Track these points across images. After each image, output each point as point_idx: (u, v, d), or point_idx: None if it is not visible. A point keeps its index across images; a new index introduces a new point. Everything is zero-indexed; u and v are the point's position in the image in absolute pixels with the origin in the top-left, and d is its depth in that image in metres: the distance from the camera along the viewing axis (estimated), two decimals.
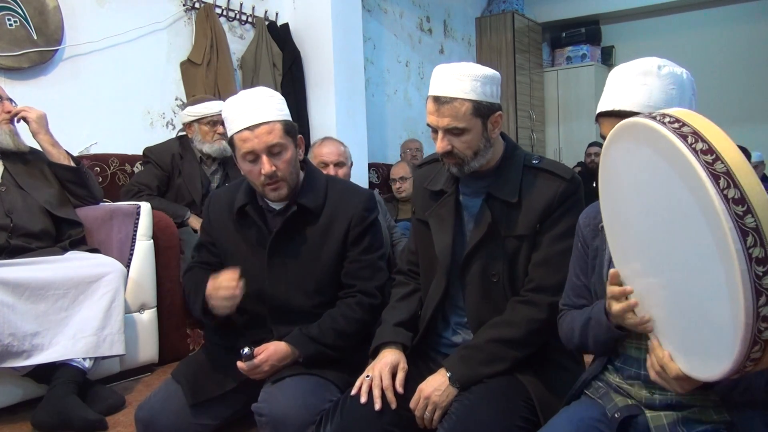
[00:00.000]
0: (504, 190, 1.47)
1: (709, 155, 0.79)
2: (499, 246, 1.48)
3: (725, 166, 0.78)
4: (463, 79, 1.41)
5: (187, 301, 1.78)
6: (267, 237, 1.66)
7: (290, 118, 1.64)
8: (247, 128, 1.55)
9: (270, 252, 1.66)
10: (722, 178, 0.77)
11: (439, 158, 1.57)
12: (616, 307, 1.07)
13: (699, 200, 0.80)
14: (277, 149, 1.58)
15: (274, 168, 1.57)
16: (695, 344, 0.90)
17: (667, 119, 0.86)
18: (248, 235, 1.69)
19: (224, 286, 1.56)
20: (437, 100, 1.42)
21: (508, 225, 1.47)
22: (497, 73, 1.47)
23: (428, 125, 1.47)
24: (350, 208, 1.68)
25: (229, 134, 1.61)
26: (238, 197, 1.70)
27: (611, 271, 1.09)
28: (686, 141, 0.81)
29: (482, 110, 1.43)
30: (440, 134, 1.44)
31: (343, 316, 1.64)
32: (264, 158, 1.56)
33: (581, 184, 1.51)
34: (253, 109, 1.57)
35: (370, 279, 1.68)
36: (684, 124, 0.83)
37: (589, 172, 5.63)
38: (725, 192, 0.77)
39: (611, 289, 1.08)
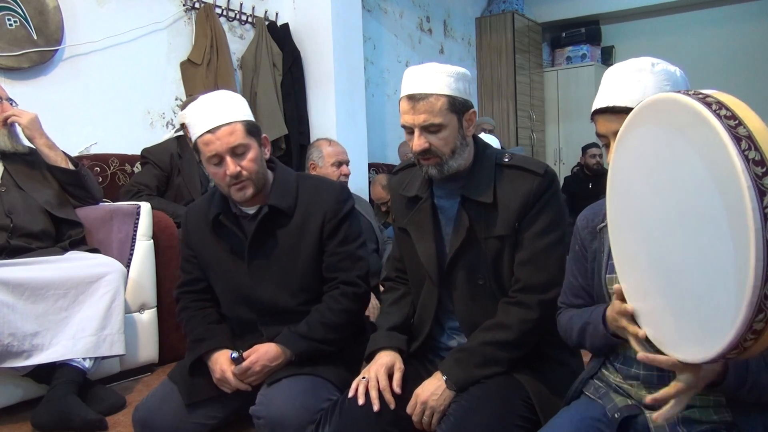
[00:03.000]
0: (478, 191, 1.46)
1: (732, 120, 0.81)
2: (481, 248, 1.46)
3: (747, 131, 0.80)
4: (436, 75, 1.41)
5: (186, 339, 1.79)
6: (244, 242, 1.67)
7: (252, 119, 1.65)
8: (209, 131, 1.56)
9: (249, 257, 1.67)
10: (744, 141, 0.79)
11: (414, 163, 1.55)
12: (624, 323, 1.06)
13: (715, 163, 0.81)
14: (240, 149, 1.58)
15: (239, 168, 1.58)
16: (692, 329, 0.89)
17: (691, 92, 0.88)
18: (226, 244, 1.70)
19: (229, 384, 1.60)
20: (412, 98, 1.41)
21: (486, 226, 1.46)
22: (468, 71, 1.47)
23: (403, 126, 1.46)
24: (322, 203, 1.69)
25: (193, 139, 1.61)
26: (212, 207, 1.71)
27: (615, 287, 1.08)
28: (711, 107, 0.83)
29: (457, 106, 1.42)
30: (416, 132, 1.42)
31: (329, 309, 1.65)
32: (228, 159, 1.57)
33: (556, 177, 1.49)
34: (214, 112, 1.57)
35: (350, 269, 1.69)
36: (708, 96, 0.86)
37: (589, 174, 5.62)
38: (746, 153, 0.78)
39: (616, 306, 1.07)
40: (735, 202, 0.78)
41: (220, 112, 1.57)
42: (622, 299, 1.07)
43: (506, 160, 1.49)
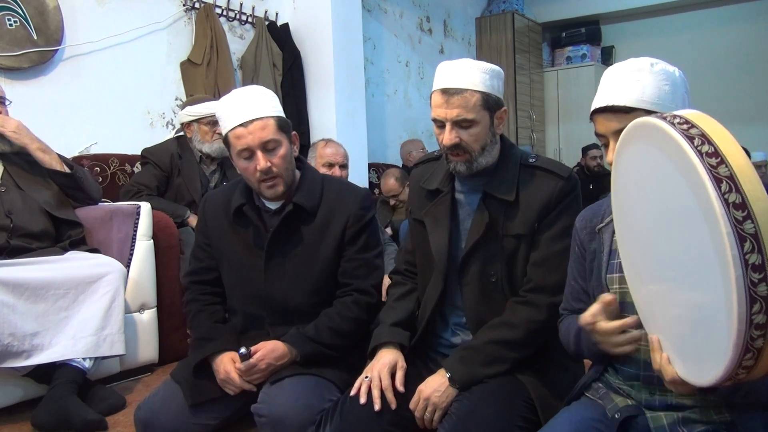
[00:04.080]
0: (501, 188, 1.46)
1: (713, 158, 0.78)
2: (497, 246, 1.46)
3: (729, 171, 0.77)
4: (471, 71, 1.40)
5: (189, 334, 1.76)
6: (264, 237, 1.65)
7: (284, 115, 1.64)
8: (241, 125, 1.55)
9: (268, 252, 1.65)
10: (724, 182, 0.76)
11: (438, 156, 1.55)
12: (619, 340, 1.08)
13: (701, 203, 0.79)
14: (271, 145, 1.58)
15: (269, 164, 1.57)
16: (692, 350, 0.90)
17: (677, 120, 0.85)
18: (245, 236, 1.69)
19: (233, 385, 1.58)
20: (446, 92, 1.40)
21: (505, 224, 1.46)
22: (501, 70, 1.46)
23: (434, 120, 1.45)
24: (347, 206, 1.68)
25: (224, 132, 1.61)
26: (234, 198, 1.69)
27: (606, 296, 1.09)
28: (692, 143, 0.80)
29: (491, 103, 1.42)
30: (448, 127, 1.42)
31: (340, 315, 1.64)
32: (259, 154, 1.56)
33: (578, 183, 1.50)
34: (246, 106, 1.56)
35: (366, 277, 1.68)
36: (693, 126, 0.83)
37: (589, 174, 5.61)
38: (726, 196, 0.76)
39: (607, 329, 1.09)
40: (719, 245, 0.77)
41: (253, 107, 1.56)
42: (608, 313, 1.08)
43: (531, 160, 1.49)
